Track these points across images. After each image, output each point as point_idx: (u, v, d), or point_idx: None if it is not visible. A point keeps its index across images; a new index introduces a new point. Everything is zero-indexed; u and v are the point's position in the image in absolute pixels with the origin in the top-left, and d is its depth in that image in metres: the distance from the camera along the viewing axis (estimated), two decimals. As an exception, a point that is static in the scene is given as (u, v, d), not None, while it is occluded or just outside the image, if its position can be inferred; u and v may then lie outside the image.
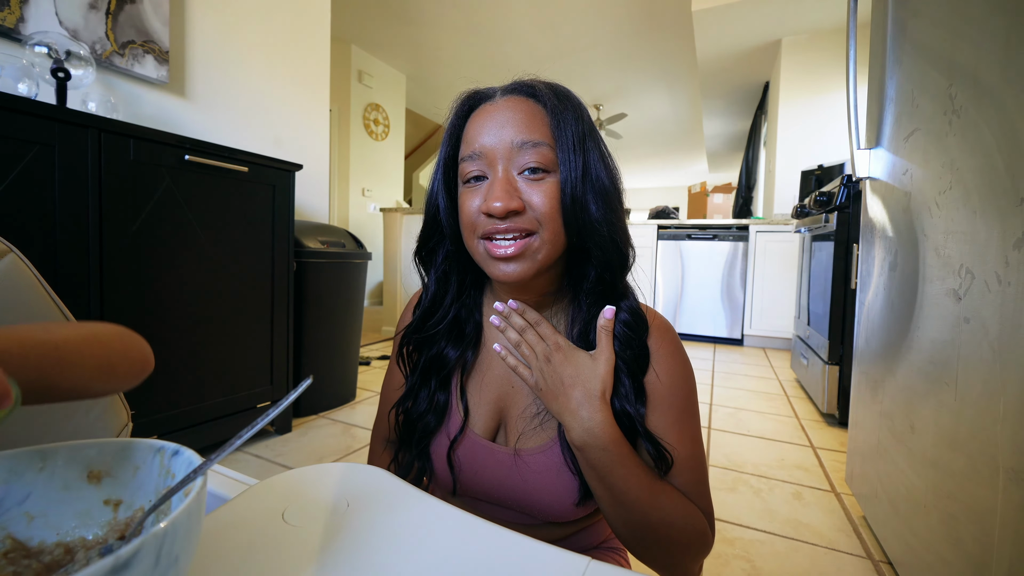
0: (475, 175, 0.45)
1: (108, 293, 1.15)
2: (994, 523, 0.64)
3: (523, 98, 0.46)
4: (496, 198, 0.42)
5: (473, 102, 0.49)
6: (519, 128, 0.44)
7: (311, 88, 2.24)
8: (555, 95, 0.46)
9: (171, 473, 0.28)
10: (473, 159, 0.45)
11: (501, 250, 0.44)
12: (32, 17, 1.33)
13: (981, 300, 0.69)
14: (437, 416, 0.52)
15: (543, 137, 0.44)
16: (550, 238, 0.44)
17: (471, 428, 0.52)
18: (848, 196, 1.81)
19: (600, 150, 0.48)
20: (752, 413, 2.02)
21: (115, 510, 0.28)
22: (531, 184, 0.44)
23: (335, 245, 1.89)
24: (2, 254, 0.55)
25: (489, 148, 0.44)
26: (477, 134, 0.45)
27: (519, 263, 0.44)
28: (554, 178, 0.44)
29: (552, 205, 0.44)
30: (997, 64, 0.68)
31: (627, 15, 3.86)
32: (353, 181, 4.64)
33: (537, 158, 0.44)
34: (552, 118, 0.45)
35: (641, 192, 11.52)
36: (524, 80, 0.48)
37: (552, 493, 0.48)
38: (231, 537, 0.32)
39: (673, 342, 0.50)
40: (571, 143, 0.44)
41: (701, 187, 5.68)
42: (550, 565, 0.30)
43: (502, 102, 0.46)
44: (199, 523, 0.23)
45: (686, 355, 0.50)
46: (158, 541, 0.19)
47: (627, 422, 0.46)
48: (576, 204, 0.44)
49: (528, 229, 0.44)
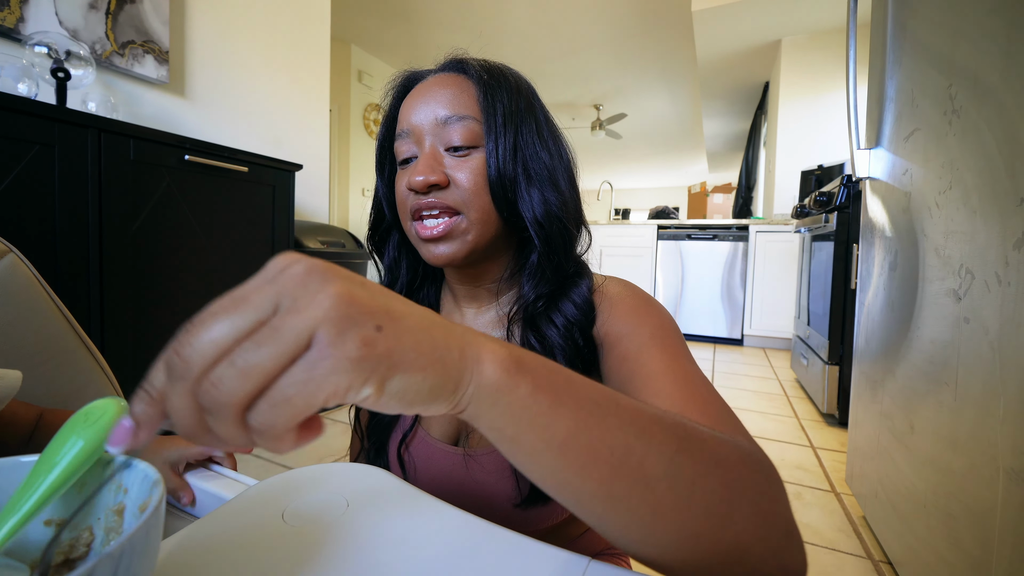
0: (405, 156, 0.45)
1: (108, 293, 1.15)
2: (994, 523, 0.64)
3: (453, 74, 0.45)
4: (418, 172, 0.42)
5: (408, 81, 0.48)
6: (444, 103, 0.43)
7: (311, 88, 2.24)
8: (487, 71, 0.45)
9: (123, 488, 0.25)
10: (402, 138, 0.45)
11: (427, 231, 0.43)
12: (32, 17, 1.33)
13: (981, 300, 0.69)
14: (388, 415, 0.50)
15: (469, 111, 0.43)
16: (478, 217, 0.43)
17: (424, 429, 0.50)
18: (848, 196, 1.81)
19: (537, 123, 0.46)
20: (752, 413, 2.02)
21: (58, 531, 0.24)
22: (457, 160, 0.43)
23: (335, 245, 1.89)
24: (2, 254, 0.55)
25: (416, 125, 0.44)
26: (407, 113, 0.45)
27: (448, 244, 0.43)
28: (481, 154, 0.43)
29: (477, 182, 0.42)
30: (997, 64, 0.68)
31: (627, 15, 3.86)
32: (353, 181, 4.63)
33: (462, 133, 0.43)
34: (480, 92, 0.44)
35: (641, 192, 11.52)
36: (456, 57, 0.47)
37: (496, 495, 0.45)
38: (231, 537, 0.32)
39: (624, 287, 0.46)
40: (499, 118, 0.43)
41: (701, 187, 5.68)
42: (550, 565, 0.30)
43: (432, 79, 0.45)
44: (157, 542, 0.21)
45: (645, 295, 0.46)
46: (113, 563, 0.17)
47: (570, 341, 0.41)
48: (504, 179, 0.43)
49: (452, 207, 0.42)
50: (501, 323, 0.48)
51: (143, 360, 1.24)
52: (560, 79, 5.17)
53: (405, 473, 0.49)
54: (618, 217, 6.31)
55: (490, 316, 0.50)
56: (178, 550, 0.30)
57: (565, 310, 0.44)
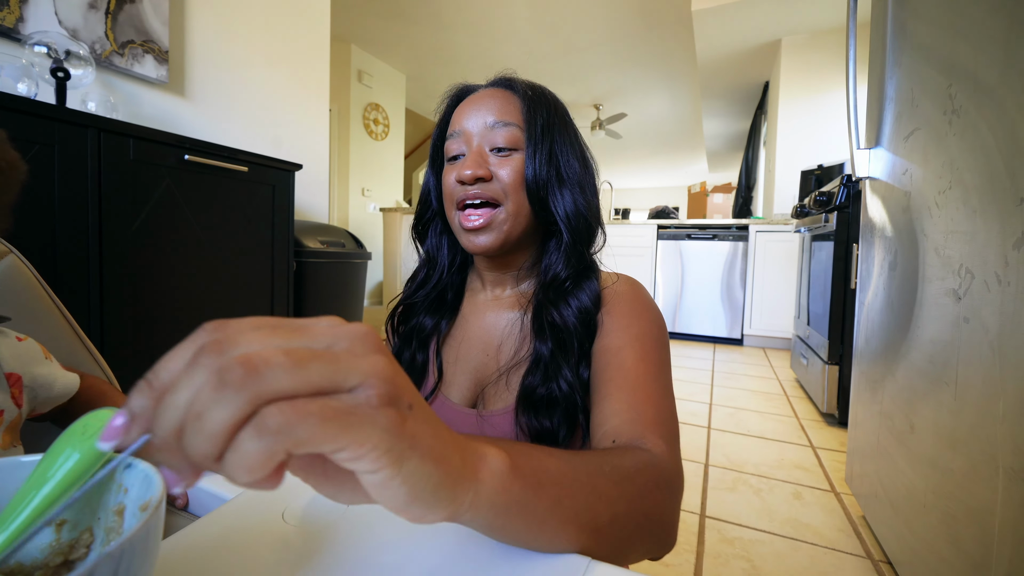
0: (455, 154, 0.52)
1: (108, 293, 1.15)
2: (994, 523, 0.64)
3: (501, 89, 0.54)
4: (467, 166, 0.49)
5: (461, 92, 0.56)
6: (493, 111, 0.51)
7: (311, 88, 2.24)
8: (531, 88, 0.54)
9: (123, 488, 0.24)
10: (453, 138, 0.52)
11: (469, 222, 0.50)
12: (32, 17, 1.33)
13: (981, 300, 0.69)
14: (415, 377, 0.56)
15: (514, 119, 0.51)
16: (514, 210, 0.50)
17: (444, 394, 0.55)
18: (848, 196, 1.81)
19: (570, 137, 0.54)
20: (752, 413, 2.02)
21: (57, 531, 0.24)
22: (500, 159, 0.51)
23: (335, 245, 1.89)
24: (2, 255, 0.55)
25: (467, 129, 0.51)
26: (460, 118, 0.52)
27: (487, 234, 0.50)
28: (521, 155, 0.51)
29: (516, 178, 0.50)
30: (997, 64, 0.68)
31: (627, 15, 3.86)
32: (353, 181, 4.63)
33: (506, 136, 0.50)
34: (524, 105, 0.52)
35: (641, 192, 11.52)
36: (505, 75, 0.56)
37: None
38: (231, 537, 0.32)
39: (631, 287, 0.53)
40: (539, 128, 0.51)
41: (701, 187, 5.69)
42: (550, 565, 0.30)
43: (483, 91, 0.54)
44: (157, 542, 0.21)
45: (646, 299, 0.53)
46: (113, 563, 0.17)
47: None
48: (539, 179, 0.50)
49: (494, 199, 0.50)
50: (519, 303, 0.55)
51: (143, 360, 1.24)
52: (560, 79, 5.17)
53: None
54: (618, 217, 6.30)
55: (510, 297, 0.57)
56: (178, 550, 0.30)
57: (580, 295, 0.51)
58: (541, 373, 0.48)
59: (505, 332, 0.54)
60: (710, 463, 1.54)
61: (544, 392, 0.47)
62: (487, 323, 0.55)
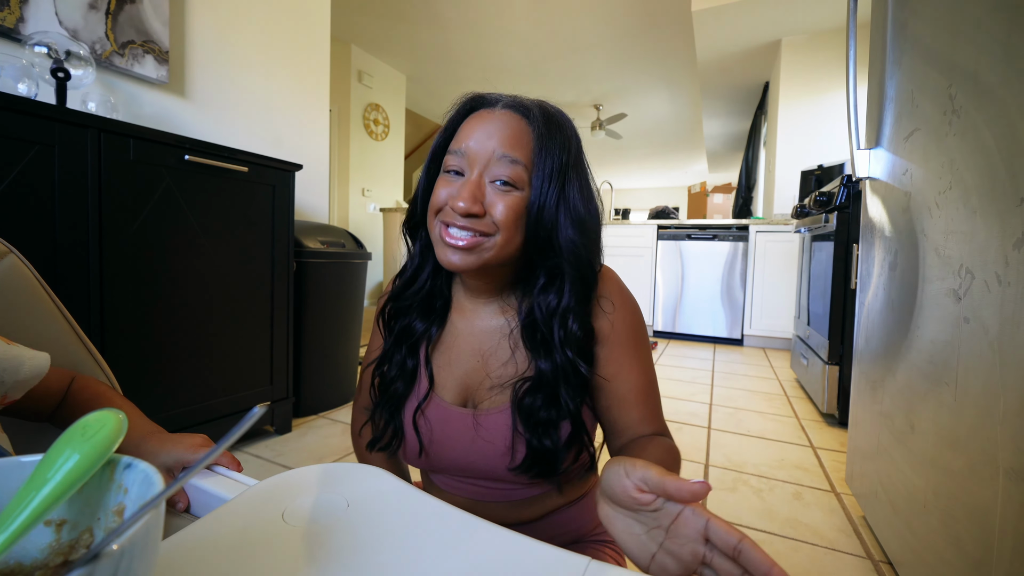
0: (454, 169, 0.50)
1: (108, 293, 1.15)
2: (994, 523, 0.64)
3: (517, 115, 0.51)
4: (462, 199, 0.47)
5: (475, 104, 0.53)
6: (503, 142, 0.49)
7: (311, 88, 2.24)
8: (546, 122, 0.51)
9: (124, 488, 0.24)
10: (456, 155, 0.50)
11: (453, 240, 0.48)
12: (32, 17, 1.33)
13: (981, 300, 0.69)
14: (406, 382, 0.56)
15: (522, 157, 0.49)
16: (502, 243, 0.49)
17: (438, 395, 0.55)
18: (848, 196, 1.81)
19: (580, 182, 0.52)
20: (752, 413, 2.02)
21: (57, 531, 0.24)
22: (498, 193, 0.48)
23: (335, 245, 1.89)
24: (2, 255, 0.55)
25: (473, 151, 0.49)
26: (467, 135, 0.50)
27: (466, 255, 0.48)
28: (521, 194, 0.49)
29: (510, 216, 0.48)
30: (997, 64, 0.68)
31: (627, 15, 3.86)
32: (353, 181, 4.63)
33: (510, 173, 0.48)
34: (537, 143, 0.50)
35: (641, 192, 11.52)
36: (524, 100, 0.53)
37: (493, 455, 0.52)
38: (231, 537, 0.32)
39: (620, 307, 0.55)
40: (549, 170, 0.49)
41: (701, 187, 5.69)
42: (550, 565, 0.30)
43: (498, 113, 0.51)
44: (157, 542, 0.21)
45: (630, 302, 0.56)
46: (113, 563, 0.17)
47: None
48: (541, 224, 0.49)
49: (483, 231, 0.48)
50: (503, 312, 0.55)
51: (143, 360, 1.24)
52: (560, 79, 5.17)
53: (420, 436, 0.54)
54: (618, 217, 6.30)
55: (494, 307, 0.56)
56: (178, 550, 0.30)
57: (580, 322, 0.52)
58: (543, 396, 0.50)
59: (495, 340, 0.55)
60: (710, 463, 1.54)
61: (546, 416, 0.50)
62: (476, 329, 0.56)
